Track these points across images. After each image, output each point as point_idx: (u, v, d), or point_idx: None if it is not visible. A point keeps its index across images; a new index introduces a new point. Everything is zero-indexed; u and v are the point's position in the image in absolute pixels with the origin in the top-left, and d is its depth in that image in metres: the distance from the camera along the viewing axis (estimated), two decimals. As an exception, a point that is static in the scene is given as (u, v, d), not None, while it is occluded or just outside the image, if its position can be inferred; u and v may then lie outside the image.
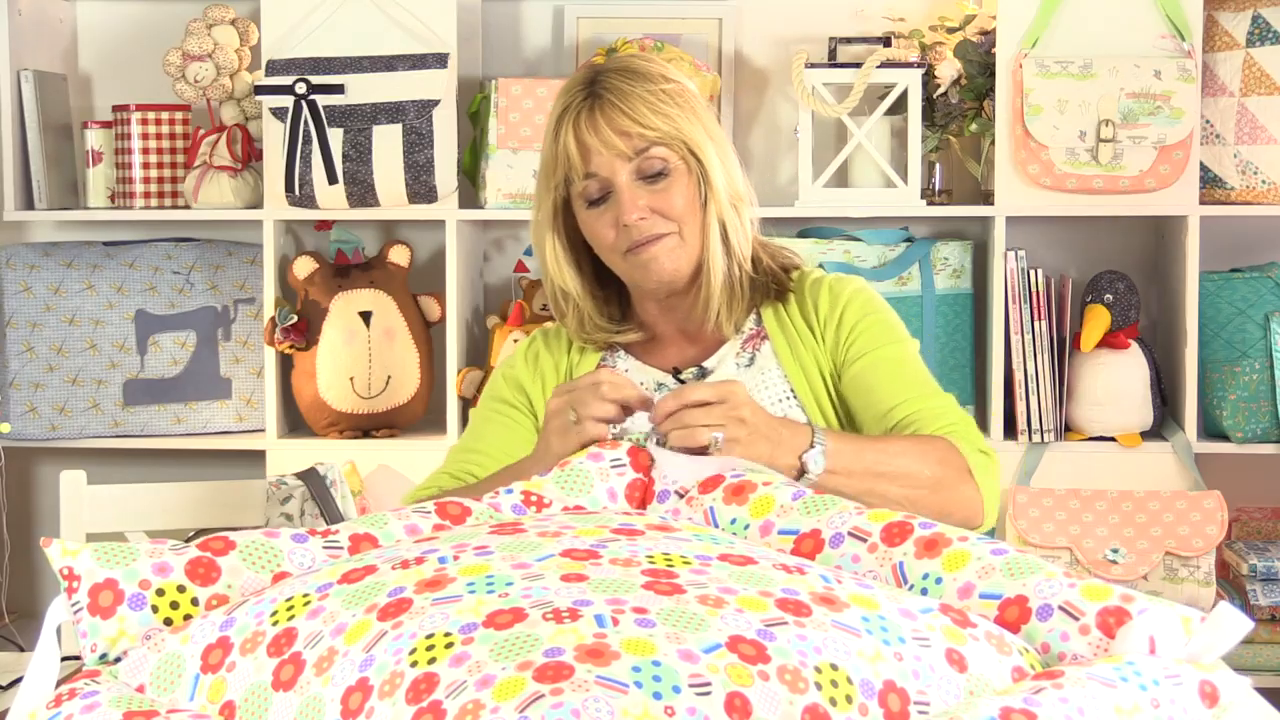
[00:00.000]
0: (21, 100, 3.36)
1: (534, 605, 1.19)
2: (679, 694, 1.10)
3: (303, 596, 1.29)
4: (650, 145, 2.02)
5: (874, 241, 3.30)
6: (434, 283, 3.44)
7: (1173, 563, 3.13)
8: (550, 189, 2.07)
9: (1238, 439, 3.27)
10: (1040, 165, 3.21)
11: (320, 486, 3.05)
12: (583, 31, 3.53)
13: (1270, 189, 3.25)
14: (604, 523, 1.40)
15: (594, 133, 2.02)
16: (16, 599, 3.53)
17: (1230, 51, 3.27)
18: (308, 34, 3.24)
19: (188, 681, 1.30)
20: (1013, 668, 1.24)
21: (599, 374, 1.87)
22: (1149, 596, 1.30)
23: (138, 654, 1.33)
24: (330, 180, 3.22)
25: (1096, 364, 3.27)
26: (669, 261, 2.04)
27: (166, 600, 1.36)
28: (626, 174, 2.02)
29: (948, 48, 3.37)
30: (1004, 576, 1.33)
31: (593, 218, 2.05)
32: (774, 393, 2.09)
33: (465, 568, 1.28)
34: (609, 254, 2.06)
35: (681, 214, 2.04)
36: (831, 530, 1.44)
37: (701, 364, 2.13)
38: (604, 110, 2.02)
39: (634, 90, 2.03)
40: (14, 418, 3.37)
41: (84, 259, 3.42)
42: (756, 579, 1.25)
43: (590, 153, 2.02)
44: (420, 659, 1.16)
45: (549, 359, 2.17)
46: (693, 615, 1.17)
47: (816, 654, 1.16)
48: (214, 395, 3.44)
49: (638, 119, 2.02)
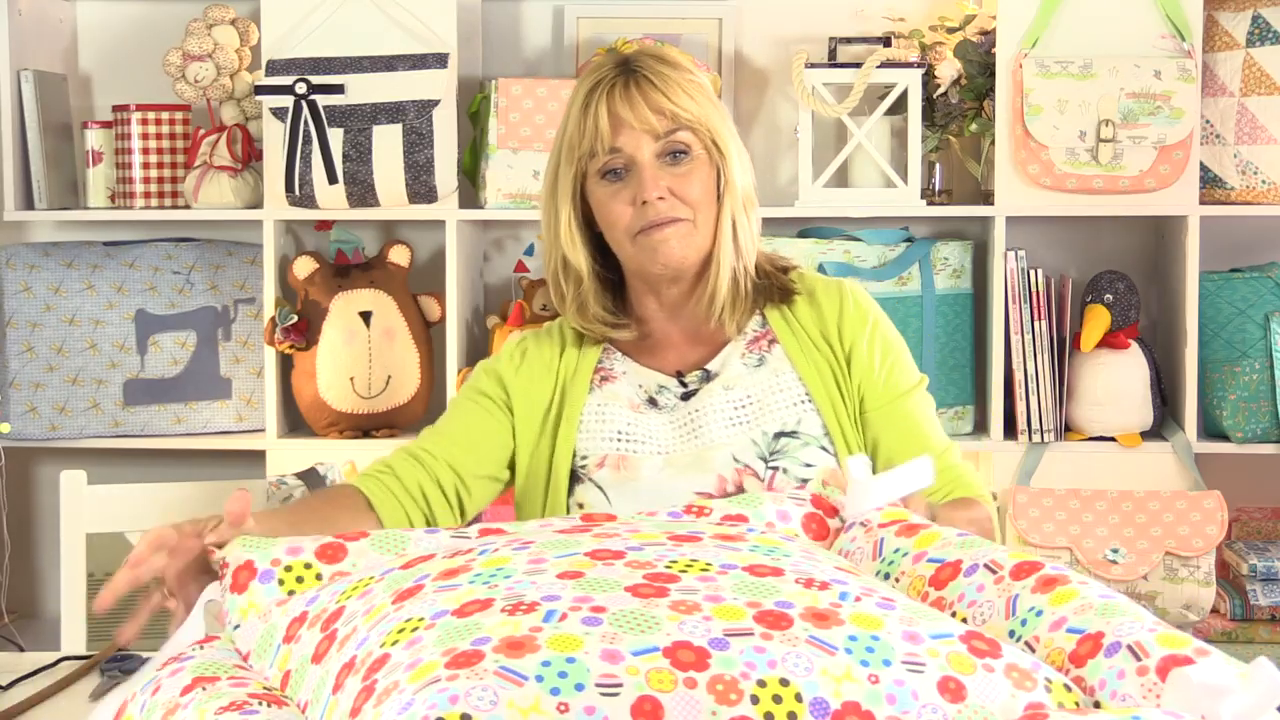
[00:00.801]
0: (21, 100, 3.36)
1: (506, 597, 1.21)
2: (581, 691, 1.10)
3: (367, 579, 1.33)
4: (679, 127, 2.02)
5: (874, 241, 3.30)
6: (434, 283, 3.44)
7: (1173, 563, 3.13)
8: (573, 161, 2.05)
9: (1238, 439, 3.27)
10: (1040, 165, 3.21)
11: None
12: (583, 31, 3.53)
13: (1270, 189, 3.25)
14: (673, 529, 1.41)
15: (629, 106, 2.01)
16: (16, 599, 3.53)
17: (1230, 51, 3.27)
18: (308, 34, 3.24)
19: (273, 650, 1.35)
20: (1028, 703, 1.20)
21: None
22: (1223, 654, 1.26)
23: (251, 623, 1.40)
24: (330, 180, 3.22)
25: (1096, 364, 3.27)
26: (679, 247, 2.03)
27: (293, 575, 1.43)
28: (650, 152, 2.02)
29: (948, 48, 3.37)
30: (1096, 615, 1.30)
31: (609, 194, 2.03)
32: (789, 396, 2.08)
33: (488, 560, 1.30)
34: (619, 235, 2.04)
35: (698, 201, 2.03)
36: (970, 561, 1.43)
37: (705, 366, 2.11)
38: (639, 86, 2.02)
39: (669, 73, 2.04)
40: (14, 418, 3.37)
41: (84, 259, 3.42)
42: (758, 589, 1.24)
43: (622, 126, 2.01)
44: (388, 641, 1.20)
45: (539, 356, 2.13)
46: (649, 618, 1.17)
47: (769, 668, 1.14)
48: (214, 395, 3.44)
49: (672, 98, 2.02)
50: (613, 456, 2.06)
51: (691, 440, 2.05)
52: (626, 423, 2.07)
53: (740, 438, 2.05)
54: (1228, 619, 3.21)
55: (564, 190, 2.06)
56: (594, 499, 2.05)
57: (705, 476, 2.03)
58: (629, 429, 2.07)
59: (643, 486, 2.03)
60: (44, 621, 3.54)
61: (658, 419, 2.07)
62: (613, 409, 2.08)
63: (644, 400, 2.09)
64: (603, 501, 2.05)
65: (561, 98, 3.24)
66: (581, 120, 2.03)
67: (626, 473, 2.04)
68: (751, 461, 2.04)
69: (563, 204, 2.07)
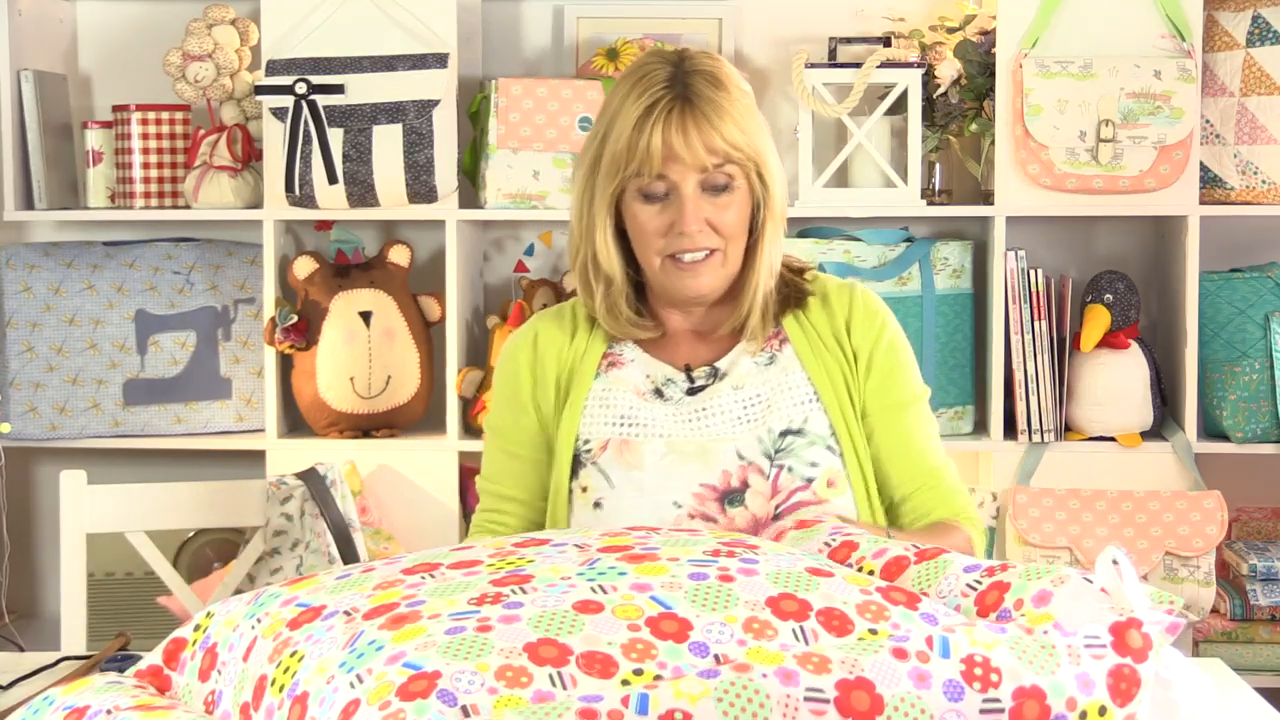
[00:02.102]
0: (21, 100, 3.36)
1: (488, 579, 1.31)
2: (378, 655, 1.21)
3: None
4: (726, 161, 2.03)
5: (874, 241, 3.30)
6: (434, 283, 3.44)
7: (1173, 563, 3.13)
8: (615, 175, 2.05)
9: (1238, 439, 3.27)
10: (1040, 165, 3.21)
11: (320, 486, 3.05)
12: (583, 31, 3.53)
13: (1270, 189, 3.25)
14: (729, 540, 1.46)
15: (683, 138, 2.01)
16: (16, 599, 3.53)
17: (1230, 51, 3.27)
18: (308, 34, 3.24)
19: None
20: None
21: None
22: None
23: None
24: (330, 180, 3.22)
25: (1096, 364, 3.27)
26: (708, 280, 2.06)
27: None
28: (695, 183, 2.03)
29: (948, 48, 3.37)
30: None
31: (648, 215, 2.05)
32: (797, 395, 2.09)
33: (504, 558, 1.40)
34: (649, 253, 2.06)
35: (732, 232, 2.05)
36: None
37: (714, 364, 2.12)
38: (695, 118, 2.02)
39: (722, 102, 2.03)
40: (14, 418, 3.37)
41: (84, 259, 3.42)
42: (691, 594, 1.30)
43: (674, 158, 2.02)
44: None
45: (550, 341, 2.15)
46: (564, 614, 1.24)
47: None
48: (214, 395, 3.44)
49: (725, 135, 2.02)
50: (615, 441, 2.08)
51: (696, 431, 2.07)
52: (630, 407, 2.09)
53: (746, 434, 2.06)
54: (1228, 619, 3.21)
55: (602, 200, 2.07)
56: (597, 484, 2.08)
57: (709, 470, 2.04)
58: (632, 414, 2.09)
59: (646, 475, 2.05)
60: (44, 621, 3.54)
61: (662, 408, 2.09)
62: (617, 394, 2.10)
63: (650, 390, 2.11)
64: (605, 486, 2.07)
65: (562, 97, 3.24)
66: (634, 139, 2.03)
67: (629, 457, 2.06)
68: (756, 458, 2.05)
69: (599, 212, 2.07)
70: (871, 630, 1.29)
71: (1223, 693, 1.81)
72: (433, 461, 3.32)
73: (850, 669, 1.21)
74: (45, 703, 1.37)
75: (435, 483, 3.31)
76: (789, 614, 1.29)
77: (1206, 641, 3.21)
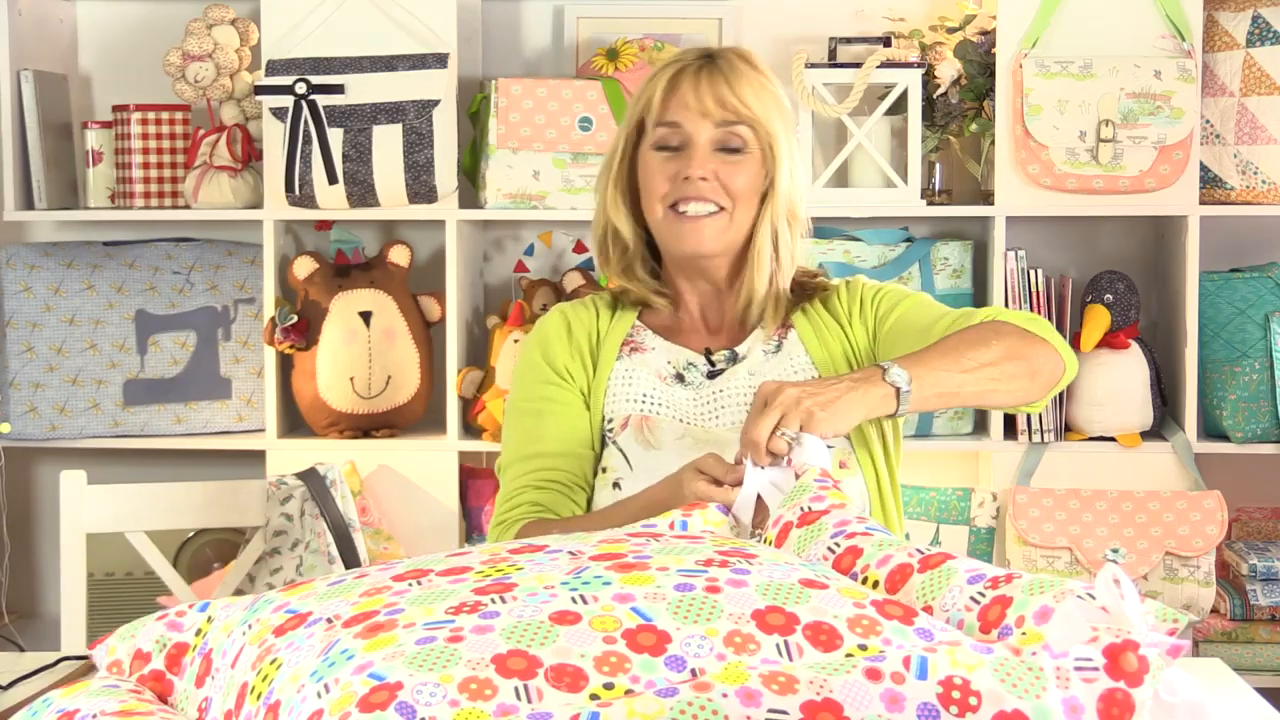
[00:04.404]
0: (21, 100, 3.36)
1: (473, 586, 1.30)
2: (348, 664, 1.19)
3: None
4: (739, 121, 2.08)
5: (874, 241, 3.30)
6: (434, 283, 3.44)
7: (1173, 563, 3.13)
8: (629, 125, 2.12)
9: (1238, 439, 3.27)
10: (1040, 165, 3.21)
11: (320, 486, 3.05)
12: (583, 31, 3.53)
13: (1270, 189, 3.25)
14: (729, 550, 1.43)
15: (694, 88, 2.07)
16: (16, 599, 3.53)
17: (1230, 51, 3.27)
18: (308, 34, 3.24)
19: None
20: None
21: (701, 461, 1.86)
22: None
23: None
24: (330, 180, 3.22)
25: (1096, 364, 3.27)
26: (709, 235, 2.09)
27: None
28: (707, 137, 2.08)
29: (948, 48, 3.37)
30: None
31: (656, 161, 2.10)
32: (797, 364, 2.14)
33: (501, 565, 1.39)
34: (654, 202, 2.10)
35: (740, 193, 2.09)
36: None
37: (733, 348, 2.16)
38: (711, 75, 2.08)
39: (744, 69, 2.10)
40: (14, 418, 3.37)
41: (84, 259, 3.42)
42: (674, 606, 1.27)
43: (683, 104, 2.07)
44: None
45: (580, 324, 2.19)
46: (539, 625, 1.22)
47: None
48: (214, 395, 3.44)
49: (738, 92, 2.08)
50: (636, 417, 2.11)
51: (712, 420, 2.11)
52: (652, 387, 2.13)
53: None
54: (1228, 619, 3.21)
55: (617, 155, 2.14)
56: (617, 464, 2.10)
57: (723, 456, 2.06)
58: (653, 393, 2.13)
59: (664, 456, 2.07)
60: (44, 621, 3.54)
61: (683, 393, 2.13)
62: (639, 374, 2.14)
63: (672, 375, 2.15)
64: (624, 467, 2.09)
65: (562, 98, 3.24)
66: (647, 90, 2.10)
67: (649, 434, 2.09)
68: None
69: (613, 164, 2.14)
70: (861, 646, 1.25)
71: (1223, 693, 1.81)
72: (433, 462, 3.32)
73: (818, 690, 1.14)
74: (44, 705, 1.37)
75: (435, 483, 3.31)
76: (774, 628, 1.25)
77: (1206, 641, 3.21)
